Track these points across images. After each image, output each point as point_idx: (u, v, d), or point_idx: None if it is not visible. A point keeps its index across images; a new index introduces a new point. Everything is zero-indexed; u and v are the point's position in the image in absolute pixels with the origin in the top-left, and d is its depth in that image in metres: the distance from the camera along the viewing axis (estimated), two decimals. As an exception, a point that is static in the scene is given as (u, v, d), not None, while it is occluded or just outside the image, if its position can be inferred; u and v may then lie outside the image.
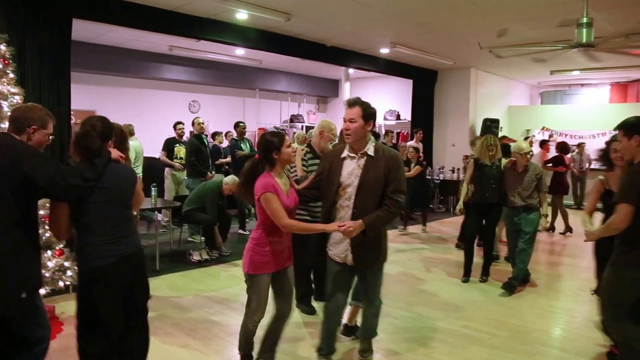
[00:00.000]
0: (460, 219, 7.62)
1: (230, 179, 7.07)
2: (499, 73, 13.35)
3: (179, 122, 8.82)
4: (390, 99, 14.04)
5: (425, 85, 12.88)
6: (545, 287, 6.17)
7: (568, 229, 9.34)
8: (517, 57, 10.05)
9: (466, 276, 6.27)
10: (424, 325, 4.76)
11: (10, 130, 2.84)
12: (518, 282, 5.83)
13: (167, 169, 8.62)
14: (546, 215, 5.85)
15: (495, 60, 10.76)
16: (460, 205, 6.31)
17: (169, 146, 8.58)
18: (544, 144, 12.47)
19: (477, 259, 6.39)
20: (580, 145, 11.81)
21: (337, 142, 4.91)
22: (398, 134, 13.39)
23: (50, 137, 2.96)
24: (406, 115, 13.38)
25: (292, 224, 3.25)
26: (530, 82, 15.23)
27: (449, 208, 12.02)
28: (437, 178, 12.09)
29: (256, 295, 3.36)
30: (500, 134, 11.34)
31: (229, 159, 9.44)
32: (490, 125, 12.03)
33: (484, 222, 6.22)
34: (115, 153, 2.92)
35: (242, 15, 7.61)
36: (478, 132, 12.17)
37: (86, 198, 2.76)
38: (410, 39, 9.39)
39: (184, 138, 8.98)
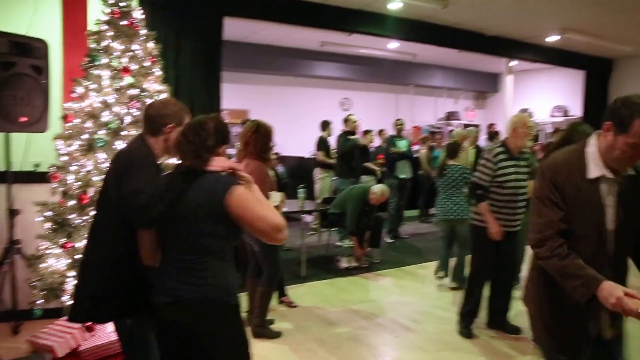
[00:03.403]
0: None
1: (379, 189, 6.58)
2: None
3: (327, 121, 8.50)
4: (558, 93, 12.61)
5: (598, 76, 11.28)
6: None
7: None
8: None
9: None
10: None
11: (146, 130, 2.57)
12: None
13: (317, 170, 8.26)
14: None
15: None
16: None
17: (325, 145, 8.21)
18: None
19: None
20: None
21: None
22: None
23: None
24: (575, 111, 11.92)
25: None
26: None
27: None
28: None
29: None
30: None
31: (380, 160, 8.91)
32: (683, 122, 10.27)
33: None
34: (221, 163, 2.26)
35: (395, 5, 7.09)
36: (667, 129, 10.46)
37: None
38: (584, 23, 8.15)
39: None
